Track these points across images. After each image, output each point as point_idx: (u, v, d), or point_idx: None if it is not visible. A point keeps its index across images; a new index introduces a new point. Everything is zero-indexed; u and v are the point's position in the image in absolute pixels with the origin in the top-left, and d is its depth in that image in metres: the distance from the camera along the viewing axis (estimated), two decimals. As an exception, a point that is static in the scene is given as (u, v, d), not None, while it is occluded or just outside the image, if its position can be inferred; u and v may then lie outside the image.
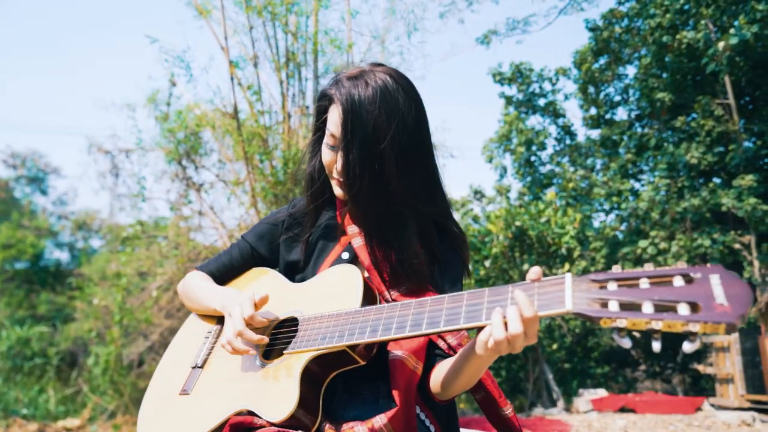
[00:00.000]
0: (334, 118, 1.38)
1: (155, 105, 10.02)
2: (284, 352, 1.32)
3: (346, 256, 1.48)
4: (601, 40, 16.98)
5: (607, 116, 18.02)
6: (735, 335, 12.18)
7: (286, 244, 1.60)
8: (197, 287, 1.62)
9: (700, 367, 12.89)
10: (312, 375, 1.27)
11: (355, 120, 1.32)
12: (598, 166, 18.03)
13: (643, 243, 13.82)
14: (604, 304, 0.94)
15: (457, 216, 18.48)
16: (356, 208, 1.40)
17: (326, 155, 1.44)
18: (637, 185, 16.65)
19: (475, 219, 17.46)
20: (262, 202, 8.47)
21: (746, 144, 13.75)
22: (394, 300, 1.39)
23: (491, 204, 19.14)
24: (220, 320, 1.58)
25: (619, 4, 16.10)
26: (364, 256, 1.45)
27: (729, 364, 11.26)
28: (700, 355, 13.62)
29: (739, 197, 12.26)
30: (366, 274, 1.43)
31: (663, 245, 13.49)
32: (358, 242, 1.47)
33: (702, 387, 15.01)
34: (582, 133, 19.74)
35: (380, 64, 1.42)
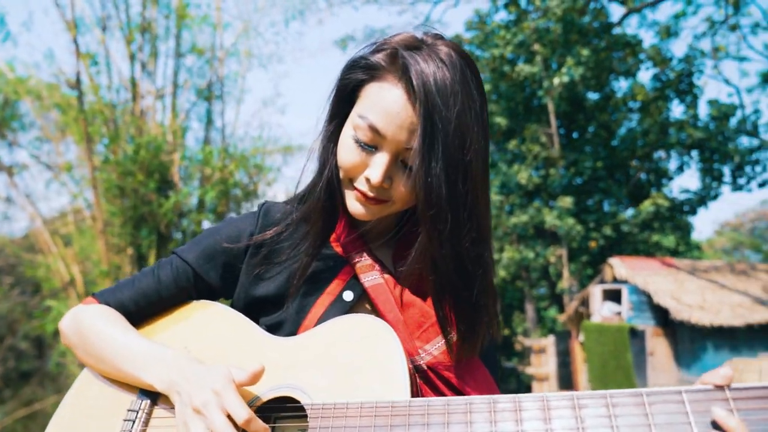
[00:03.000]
0: (386, 103, 0.94)
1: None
2: None
3: (348, 296, 1.05)
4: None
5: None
6: (551, 338, 13.85)
7: (252, 273, 1.10)
8: (105, 335, 1.04)
9: (520, 367, 14.38)
10: None
11: (440, 113, 0.90)
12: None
13: (478, 253, 15.00)
14: None
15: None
16: (431, 243, 0.95)
17: (351, 154, 0.98)
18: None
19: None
20: (104, 194, 7.16)
21: (562, 170, 15.81)
22: (431, 367, 1.00)
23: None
24: (147, 391, 1.02)
25: (467, 30, 17.33)
26: (383, 301, 1.03)
27: (545, 364, 12.71)
28: (521, 355, 15.22)
29: (559, 216, 13.99)
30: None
31: (495, 256, 14.83)
32: (372, 279, 1.05)
33: (523, 383, 16.77)
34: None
35: (438, 35, 1.00)
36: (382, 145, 0.95)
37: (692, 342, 11.88)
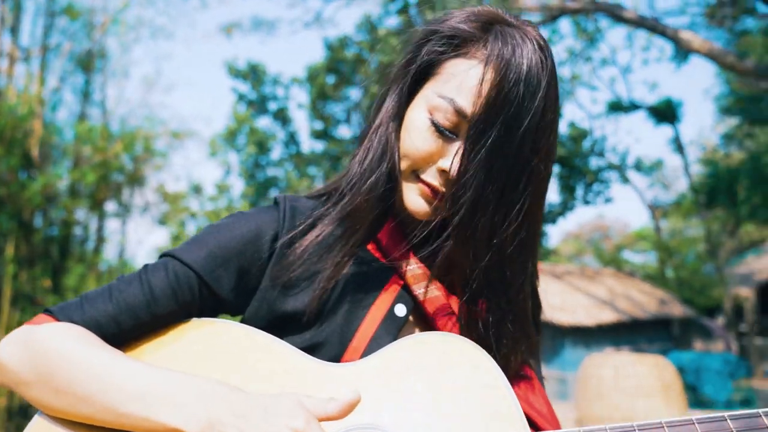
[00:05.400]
0: (478, 83, 0.80)
1: None
2: None
3: (401, 311, 0.89)
4: (334, 60, 18.03)
5: (332, 132, 19.23)
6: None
7: (279, 282, 0.89)
8: (86, 362, 0.75)
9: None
10: None
11: (525, 103, 0.79)
12: (320, 176, 19.05)
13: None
14: None
15: (165, 209, 16.74)
16: (464, 245, 0.84)
17: (425, 141, 0.84)
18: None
19: (193, 216, 16.32)
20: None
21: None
22: None
23: (211, 201, 18.11)
24: None
25: (358, 32, 17.41)
26: (443, 315, 0.91)
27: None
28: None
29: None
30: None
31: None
32: (426, 290, 0.92)
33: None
34: (308, 143, 20.56)
35: (516, 15, 0.90)
36: (476, 133, 0.81)
37: (553, 339, 13.07)
